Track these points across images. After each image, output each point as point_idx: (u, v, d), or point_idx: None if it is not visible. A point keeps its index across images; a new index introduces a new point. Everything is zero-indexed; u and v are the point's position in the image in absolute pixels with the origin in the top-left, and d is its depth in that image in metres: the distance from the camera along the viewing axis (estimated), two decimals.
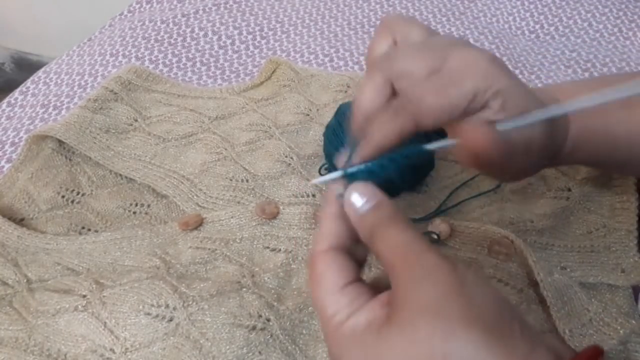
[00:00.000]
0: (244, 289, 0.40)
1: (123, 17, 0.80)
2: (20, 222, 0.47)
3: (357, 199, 0.26)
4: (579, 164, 0.38)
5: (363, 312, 0.23)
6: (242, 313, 0.38)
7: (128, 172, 0.50)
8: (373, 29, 0.74)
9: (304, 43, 0.71)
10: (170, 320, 0.37)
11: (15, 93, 0.65)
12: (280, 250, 0.43)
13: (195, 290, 0.39)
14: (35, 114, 0.60)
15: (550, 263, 0.42)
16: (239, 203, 0.47)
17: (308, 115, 0.56)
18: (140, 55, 0.68)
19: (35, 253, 0.43)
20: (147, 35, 0.71)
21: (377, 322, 0.22)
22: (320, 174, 0.49)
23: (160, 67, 0.66)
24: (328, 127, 0.49)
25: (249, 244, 0.44)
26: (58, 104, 0.61)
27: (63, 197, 0.49)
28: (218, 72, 0.67)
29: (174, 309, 0.38)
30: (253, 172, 0.50)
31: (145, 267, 0.42)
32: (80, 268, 0.42)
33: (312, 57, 0.68)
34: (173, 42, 0.71)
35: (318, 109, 0.57)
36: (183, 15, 0.76)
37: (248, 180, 0.49)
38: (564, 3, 0.79)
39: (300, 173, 0.50)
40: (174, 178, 0.50)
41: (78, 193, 0.50)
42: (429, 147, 0.29)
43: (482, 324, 0.20)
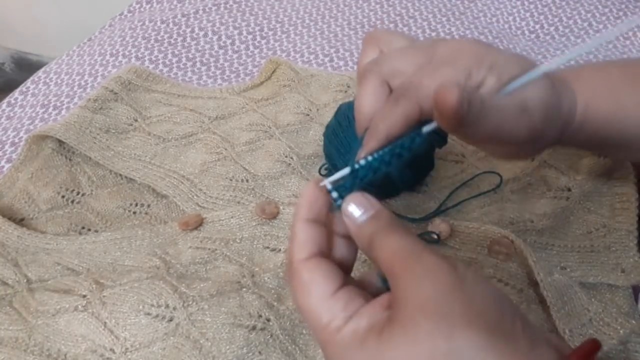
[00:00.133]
0: (244, 289, 0.40)
1: (123, 17, 0.80)
2: (20, 222, 0.47)
3: (354, 210, 0.26)
4: (589, 144, 0.37)
5: (363, 315, 0.23)
6: (242, 313, 0.38)
7: (128, 172, 0.50)
8: (373, 29, 0.74)
9: (304, 43, 0.71)
10: (170, 320, 0.37)
11: (15, 93, 0.65)
12: (280, 250, 0.43)
13: (195, 290, 0.39)
14: (35, 114, 0.60)
15: (550, 263, 0.42)
16: (239, 203, 0.47)
17: (308, 115, 0.56)
18: (140, 55, 0.68)
19: (35, 253, 0.43)
20: (147, 35, 0.71)
21: (378, 325, 0.22)
22: (320, 174, 0.49)
23: (160, 67, 0.66)
24: (328, 127, 0.49)
25: (249, 244, 0.44)
26: (58, 104, 0.61)
27: (63, 197, 0.49)
28: (218, 72, 0.67)
29: (174, 309, 0.38)
30: (253, 172, 0.50)
31: (145, 267, 0.42)
32: (80, 268, 0.42)
33: (312, 57, 0.68)
34: (173, 42, 0.71)
35: (318, 109, 0.57)
36: (183, 15, 0.76)
37: (248, 180, 0.49)
38: (564, 3, 0.79)
39: (300, 173, 0.50)
40: (174, 178, 0.50)
41: (78, 193, 0.50)
42: (426, 129, 0.29)
43: (483, 322, 0.20)
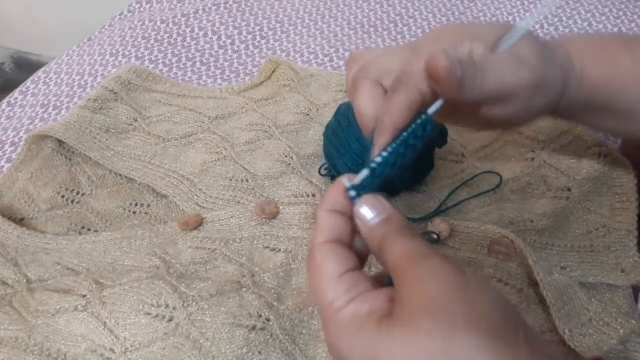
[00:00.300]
0: (244, 289, 0.40)
1: (123, 17, 0.80)
2: (20, 222, 0.47)
3: (367, 212, 0.26)
4: (589, 112, 0.37)
5: (365, 301, 0.23)
6: (242, 313, 0.38)
7: (128, 172, 0.50)
8: (373, 29, 0.75)
9: (304, 43, 0.71)
10: (170, 320, 0.37)
11: (15, 93, 0.65)
12: (280, 250, 0.43)
13: (195, 290, 0.39)
14: (35, 114, 0.60)
15: (550, 263, 0.43)
16: (239, 203, 0.47)
17: (308, 115, 0.56)
18: (140, 55, 0.68)
19: (35, 253, 0.43)
20: (147, 35, 0.71)
21: (379, 313, 0.23)
22: (320, 174, 0.49)
23: (160, 67, 0.66)
24: (328, 127, 0.49)
25: (249, 244, 0.44)
26: (58, 104, 0.61)
27: (63, 197, 0.49)
28: (218, 72, 0.67)
29: (174, 309, 0.38)
30: (253, 172, 0.50)
31: (145, 267, 0.42)
32: (80, 268, 0.42)
33: (312, 57, 0.68)
34: (173, 42, 0.71)
35: (318, 109, 0.57)
36: (183, 15, 0.76)
37: (248, 180, 0.49)
38: (564, 3, 0.79)
39: (300, 173, 0.50)
40: (174, 178, 0.50)
41: (78, 193, 0.50)
42: (431, 110, 0.29)
43: (485, 326, 0.21)
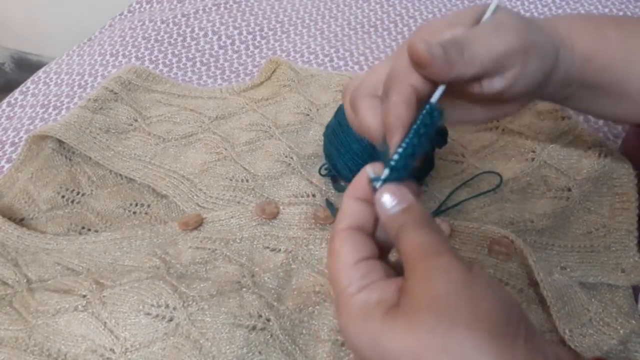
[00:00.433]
0: (244, 289, 0.40)
1: (123, 17, 0.80)
2: (20, 222, 0.47)
3: (388, 200, 0.26)
4: (580, 94, 0.37)
5: (376, 289, 0.24)
6: (242, 313, 0.38)
7: (128, 172, 0.50)
8: (373, 29, 0.75)
9: (304, 43, 0.71)
10: (170, 320, 0.37)
11: (15, 93, 0.65)
12: (280, 250, 0.43)
13: (195, 290, 0.39)
14: (35, 114, 0.60)
15: (550, 263, 0.43)
16: (239, 203, 0.47)
17: (308, 115, 0.56)
18: (140, 55, 0.68)
19: (35, 253, 0.43)
20: (147, 35, 0.71)
21: (386, 303, 0.23)
22: (321, 174, 0.49)
23: (160, 67, 0.66)
24: (328, 127, 0.49)
25: (249, 244, 0.44)
26: (58, 104, 0.61)
27: (63, 197, 0.49)
28: (218, 72, 0.67)
29: (174, 309, 0.38)
30: (253, 172, 0.50)
31: (145, 267, 0.42)
32: (80, 268, 0.42)
33: (312, 57, 0.68)
34: (173, 42, 0.71)
35: (318, 109, 0.57)
36: (183, 15, 0.76)
37: (248, 180, 0.49)
38: (564, 3, 0.79)
39: (300, 173, 0.50)
40: (174, 178, 0.50)
41: (78, 193, 0.50)
42: (433, 98, 0.29)
43: (485, 326, 0.21)
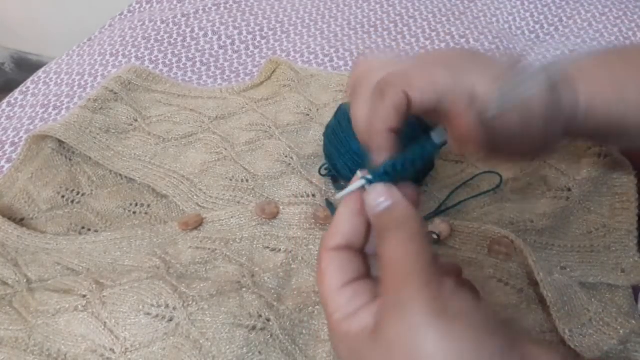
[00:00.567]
0: (244, 289, 0.40)
1: (123, 17, 0.80)
2: (20, 222, 0.47)
3: (375, 198, 0.26)
4: (593, 136, 0.37)
5: (359, 317, 0.24)
6: (242, 313, 0.38)
7: (128, 172, 0.50)
8: (373, 29, 0.75)
9: (304, 43, 0.71)
10: (170, 320, 0.37)
11: (15, 93, 0.65)
12: (280, 250, 0.43)
13: (195, 290, 0.39)
14: (35, 114, 0.60)
15: (550, 263, 0.42)
16: (239, 203, 0.47)
17: (308, 115, 0.56)
18: (140, 55, 0.68)
19: (35, 253, 0.43)
20: (147, 35, 0.71)
21: (367, 330, 0.23)
22: (321, 174, 0.49)
23: (160, 67, 0.66)
24: (328, 127, 0.49)
25: (249, 244, 0.44)
26: (58, 104, 0.61)
27: (63, 197, 0.49)
28: (218, 72, 0.67)
29: (174, 309, 0.38)
30: (253, 172, 0.50)
31: (145, 267, 0.42)
32: (80, 268, 0.42)
33: (312, 57, 0.68)
34: (173, 42, 0.71)
35: (318, 109, 0.57)
36: (183, 15, 0.76)
37: (248, 180, 0.49)
38: (564, 3, 0.79)
39: (300, 173, 0.50)
40: (174, 178, 0.50)
41: (78, 193, 0.50)
42: (437, 139, 0.29)
43: None
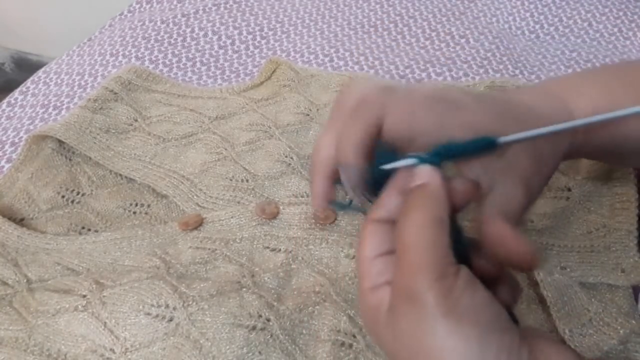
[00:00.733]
0: (244, 289, 0.40)
1: (123, 17, 0.80)
2: (20, 222, 0.47)
3: (417, 177, 0.27)
4: (590, 156, 0.37)
5: (380, 291, 0.25)
6: (242, 313, 0.38)
7: (128, 172, 0.50)
8: (373, 29, 0.75)
9: (304, 43, 0.71)
10: (170, 320, 0.37)
11: (15, 93, 0.65)
12: (280, 250, 0.43)
13: (195, 290, 0.39)
14: (35, 114, 0.60)
15: (550, 263, 0.42)
16: (239, 203, 0.47)
17: (308, 115, 0.56)
18: (140, 55, 0.68)
19: (35, 253, 0.43)
20: (147, 35, 0.71)
21: (384, 307, 0.25)
22: None
23: (160, 67, 0.66)
24: None
25: (249, 244, 0.44)
26: (58, 104, 0.61)
27: (63, 197, 0.49)
28: (218, 72, 0.67)
29: (174, 309, 0.38)
30: (253, 172, 0.50)
31: (145, 267, 0.42)
32: (80, 268, 0.42)
33: (312, 57, 0.68)
34: (173, 42, 0.71)
35: (318, 109, 0.57)
36: (183, 15, 0.76)
37: (248, 180, 0.49)
38: (564, 3, 0.79)
39: (300, 173, 0.50)
40: (174, 178, 0.50)
41: (78, 193, 0.50)
42: (505, 140, 0.28)
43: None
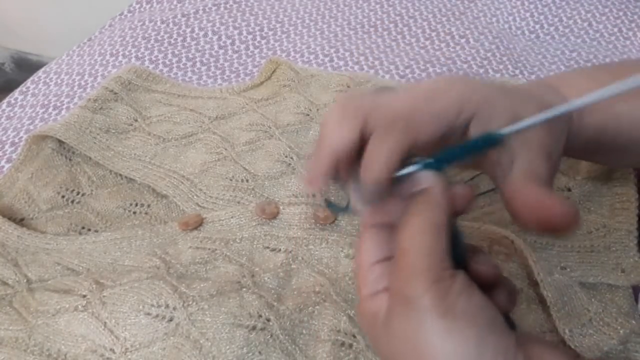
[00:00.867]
0: (244, 289, 0.40)
1: (123, 17, 0.80)
2: (20, 222, 0.47)
3: (418, 183, 0.26)
4: (582, 153, 0.37)
5: (378, 299, 0.25)
6: (242, 313, 0.38)
7: (128, 172, 0.50)
8: (373, 29, 0.75)
9: (304, 43, 0.71)
10: (170, 320, 0.37)
11: (15, 93, 0.65)
12: (280, 250, 0.43)
13: (195, 290, 0.39)
14: (35, 114, 0.60)
15: (550, 263, 0.42)
16: (239, 203, 0.47)
17: (308, 115, 0.56)
18: (140, 55, 0.68)
19: (35, 253, 0.43)
20: (147, 35, 0.71)
21: (382, 314, 0.24)
22: None
23: (160, 67, 0.66)
24: None
25: (249, 244, 0.44)
26: (58, 104, 0.61)
27: (63, 197, 0.49)
28: (218, 72, 0.67)
29: (174, 309, 0.38)
30: (253, 172, 0.50)
31: (145, 267, 0.42)
32: (80, 268, 0.42)
33: (312, 57, 0.68)
34: (173, 42, 0.71)
35: (318, 109, 0.57)
36: (183, 15, 0.76)
37: (248, 180, 0.49)
38: (564, 3, 0.79)
39: (301, 173, 0.50)
40: (174, 178, 0.50)
41: (78, 193, 0.50)
42: (508, 130, 0.27)
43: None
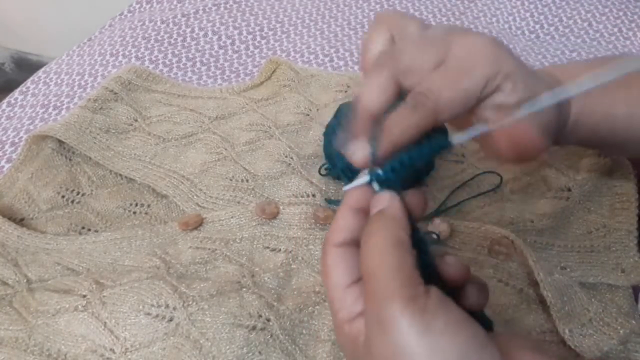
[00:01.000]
0: (244, 289, 0.40)
1: (123, 17, 0.80)
2: (20, 222, 0.47)
3: (377, 204, 0.26)
4: (580, 143, 0.37)
5: (358, 321, 0.24)
6: (242, 313, 0.38)
7: (128, 172, 0.50)
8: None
9: (304, 43, 0.71)
10: (170, 320, 0.37)
11: (15, 93, 0.65)
12: (280, 250, 0.43)
13: (195, 290, 0.39)
14: (35, 114, 0.60)
15: (550, 263, 0.43)
16: (239, 203, 0.47)
17: (308, 115, 0.56)
18: (140, 55, 0.68)
19: (35, 253, 0.43)
20: (147, 35, 0.71)
21: (363, 337, 0.23)
22: (320, 174, 0.49)
23: (160, 67, 0.66)
24: (328, 127, 0.49)
25: (249, 244, 0.44)
26: (58, 104, 0.61)
27: (63, 197, 0.49)
28: (218, 72, 0.67)
29: (174, 309, 0.38)
30: (253, 172, 0.50)
31: (145, 267, 0.42)
32: (80, 268, 0.42)
33: (312, 57, 0.68)
34: (173, 42, 0.71)
35: (318, 109, 0.57)
36: (183, 15, 0.76)
37: (248, 180, 0.49)
38: (564, 3, 0.79)
39: (300, 173, 0.50)
40: (174, 178, 0.50)
41: (78, 193, 0.50)
42: (458, 140, 0.28)
43: None
